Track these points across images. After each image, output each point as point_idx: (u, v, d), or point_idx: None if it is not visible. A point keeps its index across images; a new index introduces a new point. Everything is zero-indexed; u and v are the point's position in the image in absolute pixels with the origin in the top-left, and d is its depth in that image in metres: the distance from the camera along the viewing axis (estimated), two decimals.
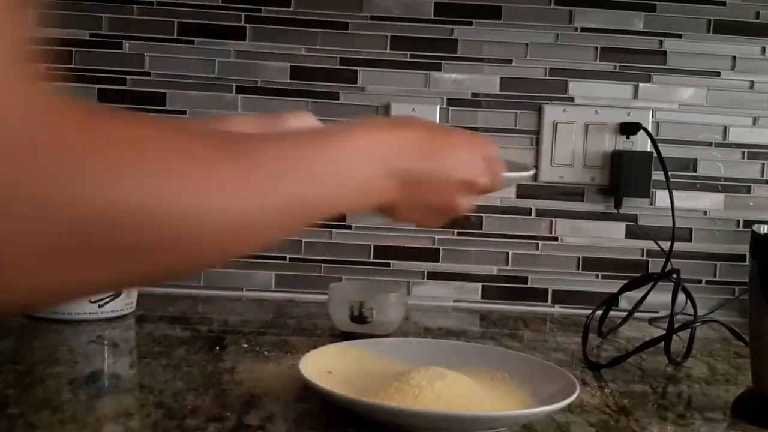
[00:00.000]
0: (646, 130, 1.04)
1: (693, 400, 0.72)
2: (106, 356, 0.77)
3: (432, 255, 1.07)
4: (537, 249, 1.08)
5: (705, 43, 1.07)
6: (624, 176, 1.04)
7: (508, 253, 1.08)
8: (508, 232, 1.08)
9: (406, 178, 0.51)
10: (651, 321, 1.03)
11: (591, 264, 1.08)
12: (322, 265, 1.07)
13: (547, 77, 1.07)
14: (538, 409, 0.60)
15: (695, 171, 1.08)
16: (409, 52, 1.06)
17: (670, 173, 1.01)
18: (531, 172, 0.70)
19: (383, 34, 1.06)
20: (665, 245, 1.01)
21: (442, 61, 1.06)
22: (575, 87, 1.07)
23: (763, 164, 1.08)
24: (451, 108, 1.06)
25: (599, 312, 0.96)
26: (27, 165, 0.27)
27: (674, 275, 0.89)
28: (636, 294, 0.98)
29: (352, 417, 0.59)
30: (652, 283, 0.95)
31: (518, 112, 1.07)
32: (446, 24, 1.06)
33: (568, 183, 1.07)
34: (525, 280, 1.08)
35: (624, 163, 1.04)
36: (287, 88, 1.06)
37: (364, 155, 0.49)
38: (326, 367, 0.67)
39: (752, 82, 1.07)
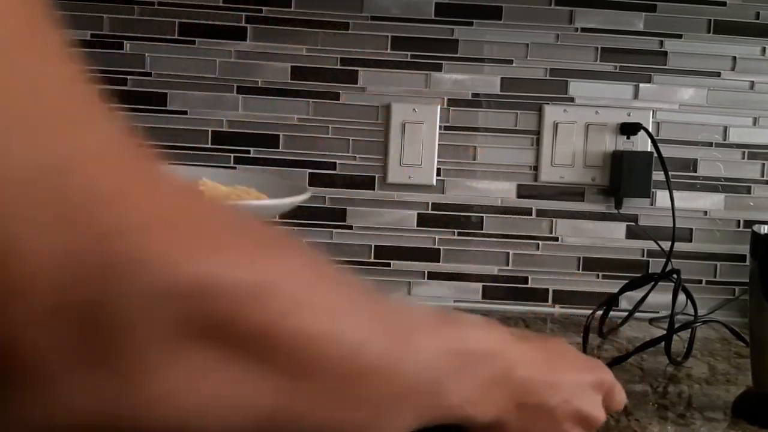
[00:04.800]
0: (646, 131, 1.04)
1: (693, 400, 0.72)
2: None
3: (432, 255, 1.07)
4: (537, 249, 1.08)
5: (705, 44, 1.07)
6: (624, 176, 1.04)
7: (508, 253, 1.08)
8: (508, 232, 1.08)
9: (523, 391, 0.41)
10: (651, 321, 1.04)
11: (591, 264, 1.08)
12: None
13: (547, 77, 1.07)
14: None
15: (695, 171, 1.08)
16: (409, 53, 1.06)
17: (670, 173, 1.01)
18: None
19: (384, 34, 1.06)
20: (665, 245, 1.02)
21: (443, 62, 1.06)
22: (576, 87, 1.07)
23: (764, 164, 1.08)
24: (451, 108, 1.06)
25: (600, 312, 0.96)
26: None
27: (674, 275, 0.89)
28: (636, 294, 0.98)
29: None
30: (653, 283, 0.96)
31: (519, 112, 1.07)
32: (447, 24, 1.06)
33: (568, 183, 1.07)
34: (525, 280, 1.08)
35: (624, 163, 1.04)
36: (288, 88, 1.06)
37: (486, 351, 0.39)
38: None
39: (752, 82, 1.07)
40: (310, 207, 1.07)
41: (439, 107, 1.06)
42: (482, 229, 1.08)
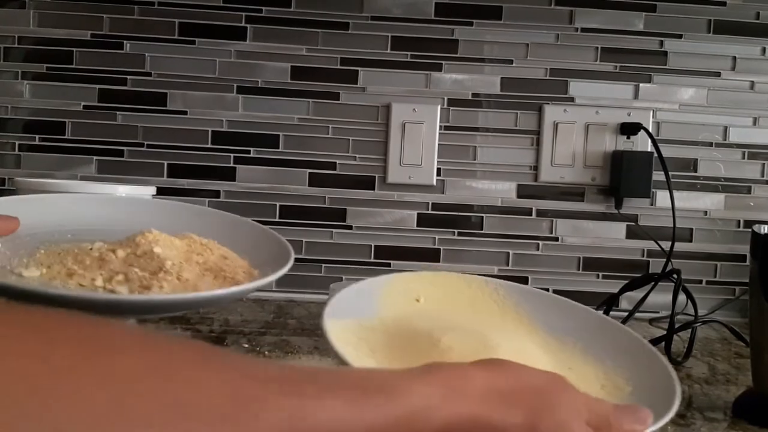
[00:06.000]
0: (646, 131, 1.04)
1: (693, 400, 0.72)
2: None
3: (432, 255, 1.07)
4: (537, 249, 1.08)
5: (705, 44, 1.07)
6: (624, 176, 1.04)
7: (508, 253, 1.08)
8: (508, 232, 1.08)
9: None
10: (651, 321, 1.04)
11: (591, 264, 1.08)
12: (323, 265, 1.07)
13: (547, 77, 1.07)
14: None
15: (696, 171, 1.08)
16: (409, 52, 1.06)
17: (670, 173, 1.01)
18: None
19: (384, 34, 1.06)
20: (666, 245, 1.01)
21: (443, 62, 1.06)
22: (576, 87, 1.07)
23: (764, 164, 1.08)
24: (451, 108, 1.06)
25: (600, 312, 0.96)
26: None
27: (675, 275, 0.89)
28: (636, 294, 0.98)
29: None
30: (653, 283, 0.96)
31: (519, 112, 1.07)
32: (447, 24, 1.06)
33: (568, 183, 1.07)
34: (525, 280, 1.08)
35: (624, 163, 1.04)
36: (288, 88, 1.06)
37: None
38: (416, 294, 0.64)
39: (752, 82, 1.07)
40: (310, 207, 1.07)
41: (439, 107, 1.06)
42: (482, 229, 1.08)
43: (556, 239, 1.08)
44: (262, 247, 0.64)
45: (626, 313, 0.98)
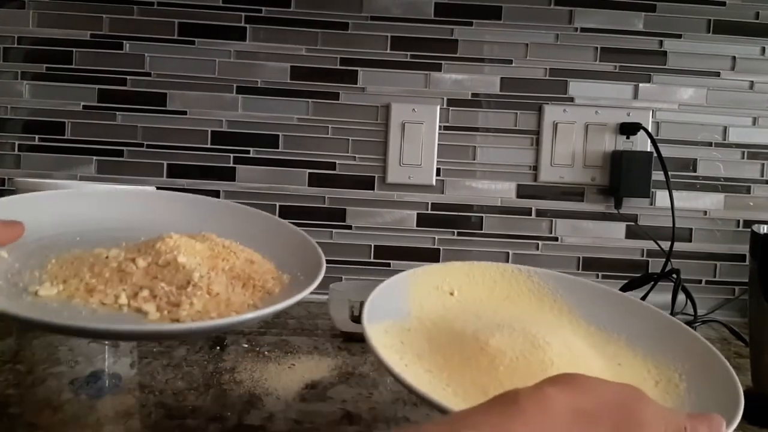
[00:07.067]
0: (646, 130, 1.04)
1: None
2: (106, 356, 0.77)
3: (432, 255, 1.07)
4: (537, 249, 1.08)
5: (705, 43, 1.07)
6: (624, 176, 1.04)
7: (508, 253, 1.08)
8: (508, 232, 1.08)
9: None
10: None
11: (591, 264, 1.08)
12: None
13: (547, 77, 1.07)
14: None
15: (695, 171, 1.08)
16: (409, 53, 1.06)
17: (670, 173, 1.01)
18: None
19: (383, 34, 1.06)
20: (665, 245, 1.02)
21: (443, 62, 1.06)
22: (575, 87, 1.07)
23: (763, 164, 1.08)
24: (451, 108, 1.06)
25: None
26: None
27: (674, 275, 0.89)
28: (636, 294, 0.98)
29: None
30: (652, 283, 0.96)
31: (518, 112, 1.07)
32: (446, 24, 1.06)
33: (568, 183, 1.07)
34: None
35: (624, 163, 1.04)
36: (287, 88, 1.06)
37: None
38: (449, 287, 0.62)
39: (752, 82, 1.08)
40: (310, 207, 1.07)
41: (438, 107, 1.06)
42: (482, 229, 1.08)
43: (556, 239, 1.08)
44: (281, 242, 0.61)
45: None
